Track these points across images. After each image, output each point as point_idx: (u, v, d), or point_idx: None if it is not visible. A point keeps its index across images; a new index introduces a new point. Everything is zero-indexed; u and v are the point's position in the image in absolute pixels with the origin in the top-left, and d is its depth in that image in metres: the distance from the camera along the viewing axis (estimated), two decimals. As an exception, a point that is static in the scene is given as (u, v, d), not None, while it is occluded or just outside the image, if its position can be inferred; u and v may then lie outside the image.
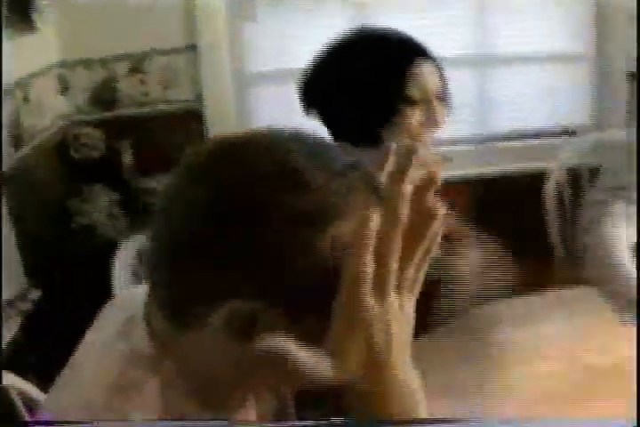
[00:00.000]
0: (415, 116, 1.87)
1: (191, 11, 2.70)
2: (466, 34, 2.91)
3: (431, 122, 1.88)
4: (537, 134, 3.01)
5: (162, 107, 2.79)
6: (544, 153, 2.74)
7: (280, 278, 0.79)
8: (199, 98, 2.77)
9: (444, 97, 1.93)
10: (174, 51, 2.76)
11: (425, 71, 1.87)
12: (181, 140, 2.60)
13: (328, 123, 1.93)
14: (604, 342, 1.89)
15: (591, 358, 1.84)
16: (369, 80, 1.86)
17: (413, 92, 1.86)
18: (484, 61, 2.97)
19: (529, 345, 1.92)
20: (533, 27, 2.99)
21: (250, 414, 0.96)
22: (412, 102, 1.86)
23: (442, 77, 1.93)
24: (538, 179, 2.67)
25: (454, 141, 2.83)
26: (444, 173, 2.21)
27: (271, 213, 0.78)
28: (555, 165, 2.56)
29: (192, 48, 2.75)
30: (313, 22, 2.79)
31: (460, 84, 2.84)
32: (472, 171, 2.90)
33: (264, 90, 2.84)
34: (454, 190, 2.57)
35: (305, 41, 2.75)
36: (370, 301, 0.78)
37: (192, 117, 2.75)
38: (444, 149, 1.93)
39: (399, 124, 1.87)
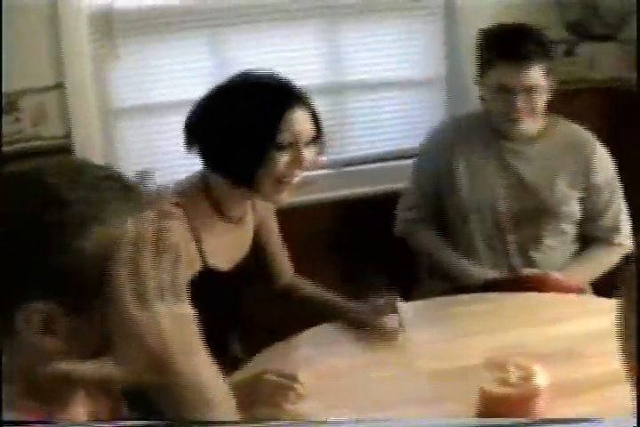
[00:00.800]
0: (283, 160, 2.02)
1: (58, 50, 2.79)
2: (320, 63, 3.08)
3: (297, 164, 2.04)
4: (394, 157, 3.18)
5: (34, 143, 2.86)
6: (402, 175, 2.91)
7: (58, 280, 0.93)
8: (69, 134, 2.86)
9: (315, 140, 2.08)
10: (45, 89, 2.84)
11: (297, 118, 2.02)
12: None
13: (206, 160, 2.08)
14: (444, 349, 2.08)
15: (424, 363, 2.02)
16: (243, 125, 1.99)
17: (284, 138, 2.00)
18: (339, 89, 3.13)
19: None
20: (386, 54, 3.16)
21: (81, 412, 1.07)
22: (281, 147, 2.01)
23: (316, 121, 2.08)
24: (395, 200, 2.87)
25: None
26: (307, 196, 2.40)
27: (35, 226, 0.93)
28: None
29: (61, 86, 2.84)
30: (174, 58, 2.92)
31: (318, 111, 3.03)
32: (332, 194, 3.05)
33: (128, 124, 2.96)
34: (314, 213, 2.77)
35: (166, 77, 2.91)
36: (134, 312, 0.93)
37: (63, 153, 2.83)
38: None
39: (268, 167, 2.02)
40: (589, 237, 2.75)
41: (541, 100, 2.60)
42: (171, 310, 0.96)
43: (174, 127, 2.91)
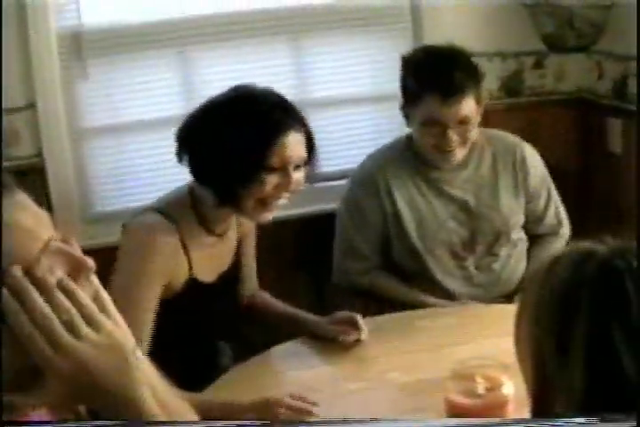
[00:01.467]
0: (271, 182, 2.01)
1: (28, 71, 2.80)
2: (290, 80, 3.08)
3: (285, 187, 2.03)
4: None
5: (5, 164, 2.83)
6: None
7: None
8: (39, 154, 2.87)
9: (307, 162, 2.08)
10: (16, 110, 2.84)
11: (290, 142, 2.00)
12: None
13: (193, 173, 2.09)
14: (413, 362, 2.10)
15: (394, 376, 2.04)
16: (234, 144, 1.98)
17: (273, 161, 1.99)
18: (308, 105, 3.12)
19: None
20: (355, 69, 3.17)
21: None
22: (270, 170, 2.00)
23: (310, 143, 2.08)
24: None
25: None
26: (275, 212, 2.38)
27: None
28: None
29: (32, 106, 2.84)
30: (144, 77, 2.94)
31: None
32: (300, 210, 3.02)
33: (99, 144, 2.96)
34: (282, 228, 2.77)
35: (136, 95, 2.92)
36: (46, 347, 0.94)
37: (34, 173, 2.84)
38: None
39: (254, 188, 2.02)
40: (536, 234, 2.78)
41: (475, 129, 2.51)
42: (86, 342, 0.97)
43: (145, 146, 2.98)
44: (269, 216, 2.11)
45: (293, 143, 2.01)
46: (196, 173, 2.08)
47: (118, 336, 1.00)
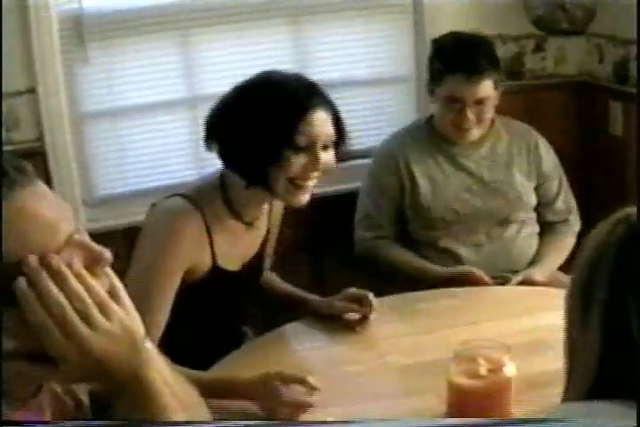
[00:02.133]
0: (299, 161, 2.00)
1: (29, 55, 2.79)
2: (291, 62, 3.06)
3: (313, 167, 2.02)
4: (364, 156, 3.11)
5: (6, 148, 2.85)
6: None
7: None
8: (41, 138, 2.87)
9: (335, 142, 2.07)
10: (16, 94, 2.84)
11: (316, 120, 2.00)
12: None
13: (223, 157, 2.09)
14: (413, 344, 2.10)
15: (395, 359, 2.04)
16: (261, 124, 1.98)
17: (300, 140, 1.98)
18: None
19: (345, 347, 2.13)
20: (356, 52, 3.17)
21: (45, 411, 1.10)
22: (297, 149, 1.99)
23: (338, 123, 2.07)
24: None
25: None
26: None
27: None
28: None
29: (32, 90, 2.84)
30: (145, 61, 2.93)
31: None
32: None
33: (100, 128, 2.96)
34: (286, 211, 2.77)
35: (137, 79, 2.92)
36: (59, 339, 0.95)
37: (35, 157, 2.82)
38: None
39: (282, 167, 2.01)
40: (546, 222, 2.89)
41: (491, 110, 2.70)
42: (98, 331, 0.98)
43: (146, 129, 2.98)
44: (304, 198, 2.09)
45: (319, 121, 2.01)
46: (224, 156, 2.08)
47: (129, 324, 1.01)
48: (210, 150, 2.10)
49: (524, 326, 2.13)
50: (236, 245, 2.16)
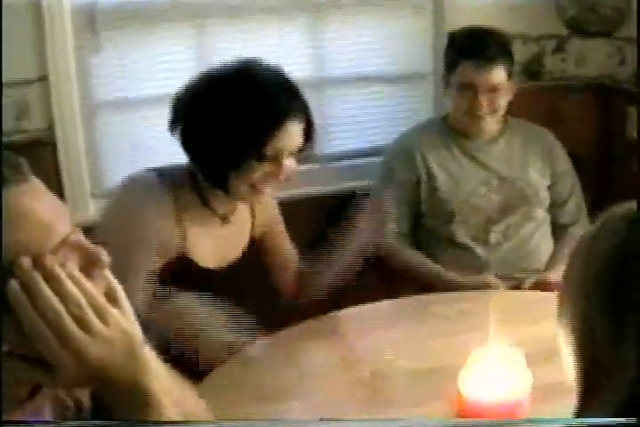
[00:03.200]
0: (262, 170, 1.94)
1: (41, 43, 2.74)
2: (304, 57, 3.02)
3: (275, 176, 1.96)
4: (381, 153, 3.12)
5: (16, 137, 2.78)
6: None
7: None
8: (51, 127, 2.82)
9: (302, 151, 2.01)
10: (28, 82, 2.79)
11: (290, 132, 1.93)
12: (36, 170, 2.64)
13: (184, 149, 2.01)
14: (424, 349, 2.05)
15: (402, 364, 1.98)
16: (230, 130, 1.90)
17: (268, 150, 1.92)
18: (325, 83, 3.09)
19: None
20: (374, 48, 3.11)
21: (44, 412, 1.07)
22: (262, 159, 1.93)
23: (308, 132, 1.99)
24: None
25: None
26: (290, 192, 2.35)
27: None
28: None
29: (44, 79, 2.79)
30: (159, 51, 2.87)
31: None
32: (317, 189, 3.03)
33: (111, 118, 2.91)
34: (299, 209, 2.74)
35: (150, 70, 2.86)
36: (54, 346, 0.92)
37: (45, 147, 2.79)
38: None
39: (245, 175, 1.95)
40: (559, 224, 2.89)
41: (503, 99, 2.72)
42: (96, 337, 0.95)
43: (157, 121, 2.91)
44: (262, 198, 2.06)
45: (291, 134, 1.94)
46: (187, 149, 2.00)
47: (128, 329, 0.98)
48: (172, 134, 2.02)
49: (539, 334, 2.03)
50: (212, 241, 2.08)
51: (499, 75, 2.67)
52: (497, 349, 1.71)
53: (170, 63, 2.87)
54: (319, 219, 2.99)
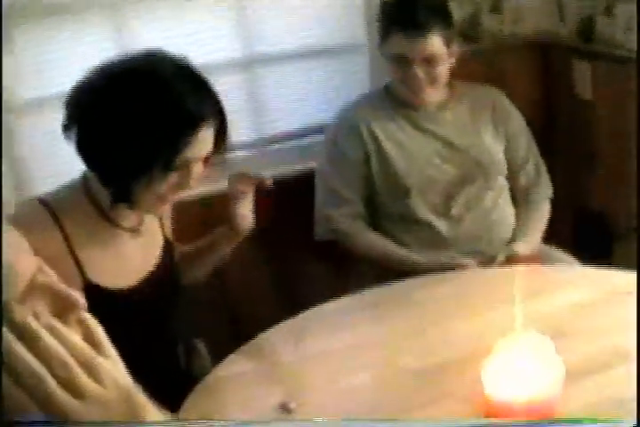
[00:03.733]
0: (171, 181, 1.73)
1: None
2: (233, 36, 2.80)
3: (184, 185, 1.76)
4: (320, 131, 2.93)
5: None
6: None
7: None
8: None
9: (214, 154, 1.79)
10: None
11: (201, 140, 1.70)
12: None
13: (80, 154, 1.75)
14: (422, 342, 1.88)
15: (407, 362, 1.80)
16: (134, 139, 1.65)
17: (177, 162, 1.69)
18: (252, 63, 2.88)
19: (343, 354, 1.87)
20: (302, 21, 2.90)
21: None
22: (169, 169, 1.70)
23: (220, 137, 1.77)
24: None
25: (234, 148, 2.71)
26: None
27: None
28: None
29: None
30: (73, 42, 2.59)
31: (231, 88, 2.77)
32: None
33: (31, 120, 2.63)
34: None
35: (66, 64, 2.58)
36: None
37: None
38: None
39: (151, 186, 1.72)
40: (518, 187, 2.76)
41: (443, 68, 2.53)
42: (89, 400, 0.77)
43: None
44: (165, 209, 1.87)
45: (202, 142, 1.71)
46: (85, 157, 1.74)
47: (122, 382, 0.80)
48: (67, 139, 1.75)
49: (531, 313, 1.88)
50: (120, 258, 1.85)
51: (433, 44, 2.46)
52: (523, 337, 1.51)
53: (88, 55, 2.59)
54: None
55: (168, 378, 1.89)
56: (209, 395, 1.72)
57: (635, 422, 0.92)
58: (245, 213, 2.05)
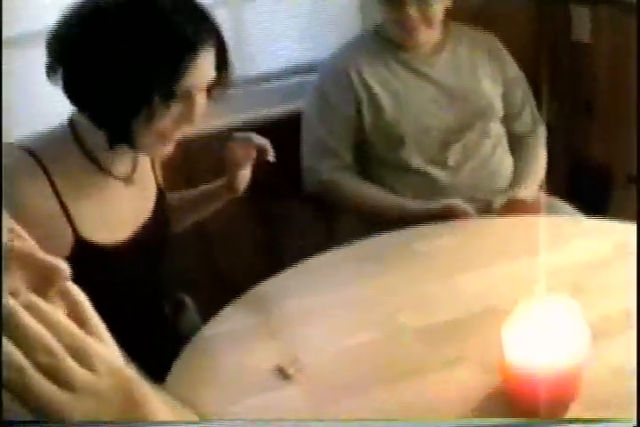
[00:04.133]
0: (171, 113, 1.56)
1: None
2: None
3: (187, 119, 1.59)
4: (306, 70, 2.78)
5: None
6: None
7: None
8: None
9: (216, 85, 1.63)
10: None
11: (201, 63, 1.54)
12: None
13: (69, 96, 1.57)
14: (425, 297, 1.74)
15: (407, 320, 1.66)
16: (130, 68, 1.49)
17: (178, 89, 1.53)
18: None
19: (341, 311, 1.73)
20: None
21: None
22: (170, 100, 1.54)
23: (221, 62, 1.61)
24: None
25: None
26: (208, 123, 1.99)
27: None
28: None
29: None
30: None
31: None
32: (238, 117, 2.64)
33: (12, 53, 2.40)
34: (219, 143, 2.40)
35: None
36: None
37: None
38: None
39: (152, 121, 1.55)
40: (514, 134, 2.65)
41: (438, 9, 2.39)
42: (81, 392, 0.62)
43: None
44: (169, 149, 1.67)
45: (203, 66, 1.56)
46: (74, 98, 1.57)
47: (118, 368, 0.66)
48: (51, 80, 1.58)
49: (542, 266, 1.76)
50: (113, 209, 1.69)
51: None
52: (546, 298, 1.37)
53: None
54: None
55: (155, 337, 1.75)
56: (199, 357, 1.58)
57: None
58: (244, 174, 1.95)
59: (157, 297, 1.92)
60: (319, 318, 1.70)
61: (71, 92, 1.56)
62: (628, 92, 2.67)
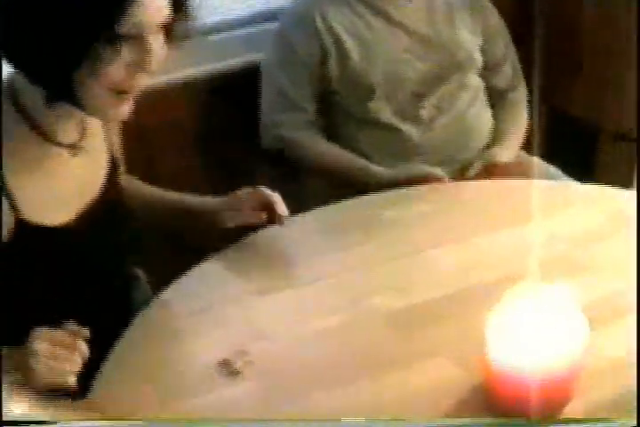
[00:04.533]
0: (121, 60, 1.32)
1: None
2: None
3: (140, 66, 1.34)
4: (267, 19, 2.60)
5: None
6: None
7: None
8: None
9: (173, 26, 1.39)
10: None
11: None
12: None
13: (5, 51, 1.34)
14: (401, 276, 1.54)
15: (375, 302, 1.47)
16: (65, 6, 1.25)
17: (124, 28, 1.30)
18: None
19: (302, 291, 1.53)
20: None
21: None
22: (116, 41, 1.30)
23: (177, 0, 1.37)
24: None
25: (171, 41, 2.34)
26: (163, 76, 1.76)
27: None
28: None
29: None
30: None
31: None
32: (194, 70, 2.45)
33: None
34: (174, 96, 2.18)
35: None
36: None
37: None
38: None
39: (97, 71, 1.31)
40: (495, 89, 2.48)
41: None
42: None
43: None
44: (126, 110, 1.41)
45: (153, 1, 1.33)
46: (5, 52, 1.34)
47: None
48: None
49: (528, 239, 1.55)
50: (59, 184, 1.48)
51: None
52: (537, 286, 1.16)
53: None
54: (206, 104, 2.46)
55: (107, 312, 1.54)
56: (146, 334, 1.38)
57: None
58: (234, 218, 1.73)
59: (110, 271, 1.70)
60: (270, 301, 1.50)
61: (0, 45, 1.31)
62: (617, 43, 2.57)
